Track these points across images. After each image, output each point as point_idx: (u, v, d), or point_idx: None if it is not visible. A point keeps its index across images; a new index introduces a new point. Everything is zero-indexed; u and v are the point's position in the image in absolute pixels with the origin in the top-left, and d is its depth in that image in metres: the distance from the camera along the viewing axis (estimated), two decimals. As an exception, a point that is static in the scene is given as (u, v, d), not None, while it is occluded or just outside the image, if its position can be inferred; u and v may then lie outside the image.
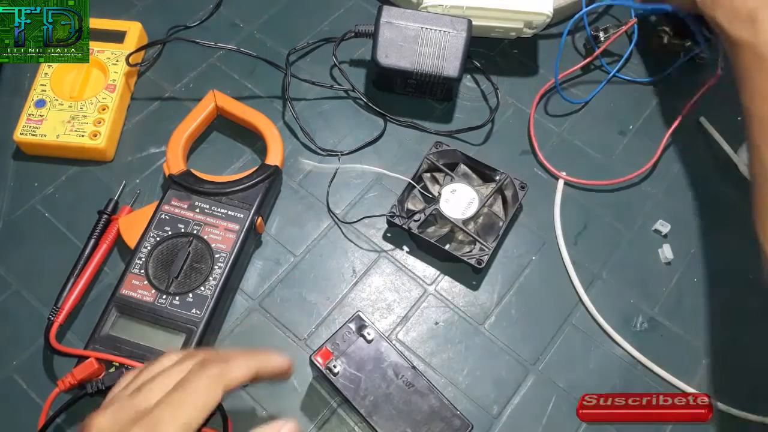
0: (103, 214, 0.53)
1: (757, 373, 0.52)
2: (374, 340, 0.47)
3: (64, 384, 0.44)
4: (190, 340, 0.47)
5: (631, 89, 0.65)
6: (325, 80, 0.63)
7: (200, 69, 0.64)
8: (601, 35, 0.63)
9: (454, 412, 0.45)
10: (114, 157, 0.58)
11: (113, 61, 0.60)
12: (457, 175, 0.56)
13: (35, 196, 0.56)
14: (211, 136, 0.60)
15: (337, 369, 0.46)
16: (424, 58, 0.58)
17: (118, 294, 0.49)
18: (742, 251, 0.57)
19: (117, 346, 0.46)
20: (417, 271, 0.54)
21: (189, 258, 0.50)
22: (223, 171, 0.58)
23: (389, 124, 0.62)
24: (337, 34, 0.63)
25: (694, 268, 0.56)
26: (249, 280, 0.53)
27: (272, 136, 0.57)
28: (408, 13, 0.59)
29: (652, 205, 0.59)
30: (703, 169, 0.61)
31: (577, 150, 0.61)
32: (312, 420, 0.48)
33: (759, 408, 0.50)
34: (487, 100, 0.64)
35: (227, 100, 0.59)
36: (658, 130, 0.62)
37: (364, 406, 0.45)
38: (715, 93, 0.65)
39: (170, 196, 0.53)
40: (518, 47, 0.67)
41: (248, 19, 0.67)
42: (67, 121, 0.57)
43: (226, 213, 0.52)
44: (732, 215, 0.59)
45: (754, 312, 0.54)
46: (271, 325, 0.52)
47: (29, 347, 0.50)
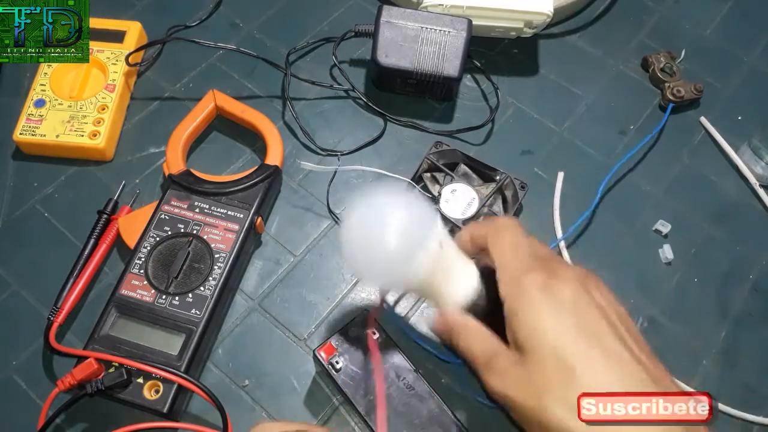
0: (103, 214, 0.53)
1: (756, 373, 0.52)
2: (379, 340, 0.47)
3: (64, 384, 0.44)
4: (189, 341, 0.47)
5: (631, 89, 0.65)
6: (325, 80, 0.63)
7: (200, 69, 0.64)
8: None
9: (453, 419, 0.45)
10: (113, 156, 0.58)
11: (113, 61, 0.60)
12: (457, 175, 0.56)
13: (35, 196, 0.56)
14: (211, 135, 0.60)
15: (339, 365, 0.46)
16: (424, 58, 0.58)
17: (117, 294, 0.48)
18: (743, 251, 0.57)
19: (116, 346, 0.46)
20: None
21: (188, 258, 0.50)
22: (223, 171, 0.58)
23: (389, 123, 0.62)
24: (337, 34, 0.63)
25: (694, 268, 0.56)
26: (249, 280, 0.53)
27: (272, 135, 0.57)
28: (408, 12, 0.59)
29: (652, 205, 0.59)
30: (704, 169, 0.61)
31: (577, 150, 0.61)
32: (312, 419, 0.48)
33: (759, 408, 0.50)
34: (488, 100, 0.64)
35: (227, 100, 0.59)
36: (658, 129, 0.62)
37: (363, 404, 0.45)
38: (715, 93, 0.65)
39: (170, 196, 0.53)
40: (518, 47, 0.67)
41: (248, 18, 0.67)
42: (66, 121, 0.57)
43: (225, 213, 0.52)
44: (732, 215, 0.59)
45: (754, 312, 0.54)
46: (270, 325, 0.52)
47: (29, 347, 0.50)
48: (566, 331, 0.34)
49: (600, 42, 0.68)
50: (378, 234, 0.38)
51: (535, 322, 0.35)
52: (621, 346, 0.34)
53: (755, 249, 0.57)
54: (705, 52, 0.68)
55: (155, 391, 0.45)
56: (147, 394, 0.45)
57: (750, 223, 0.59)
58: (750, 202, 0.60)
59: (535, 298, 0.35)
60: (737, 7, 0.71)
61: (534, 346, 0.34)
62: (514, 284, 0.36)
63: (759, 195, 0.59)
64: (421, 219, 0.39)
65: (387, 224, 0.38)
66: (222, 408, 0.44)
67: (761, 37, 0.69)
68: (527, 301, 0.35)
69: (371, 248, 0.38)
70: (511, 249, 0.38)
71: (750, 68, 0.67)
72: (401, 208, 0.39)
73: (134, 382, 0.45)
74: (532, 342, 0.34)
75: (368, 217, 0.39)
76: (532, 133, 0.62)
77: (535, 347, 0.34)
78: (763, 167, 0.60)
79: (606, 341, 0.34)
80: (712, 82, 0.66)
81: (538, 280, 0.36)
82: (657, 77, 0.64)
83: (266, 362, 0.50)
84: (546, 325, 0.34)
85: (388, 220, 0.38)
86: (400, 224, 0.38)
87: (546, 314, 0.35)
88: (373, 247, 0.38)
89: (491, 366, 0.36)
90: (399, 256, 0.38)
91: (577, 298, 0.35)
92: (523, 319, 0.35)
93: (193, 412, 0.48)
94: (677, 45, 0.67)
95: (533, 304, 0.35)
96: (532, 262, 0.37)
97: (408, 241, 0.38)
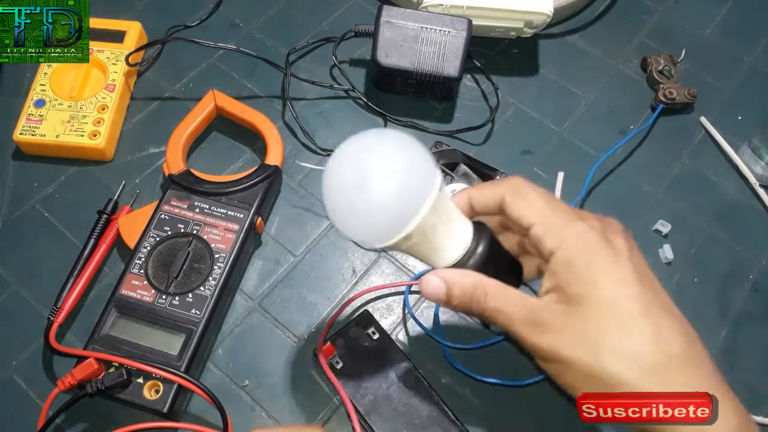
0: (103, 214, 0.53)
1: (756, 373, 0.52)
2: (379, 340, 0.47)
3: (64, 384, 0.44)
4: (189, 341, 0.47)
5: (631, 89, 0.65)
6: (325, 80, 0.63)
7: (200, 69, 0.64)
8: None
9: (453, 419, 0.45)
10: (113, 156, 0.58)
11: (113, 61, 0.60)
12: (457, 175, 0.56)
13: (35, 196, 0.56)
14: (211, 135, 0.60)
15: (339, 365, 0.46)
16: (424, 58, 0.58)
17: (117, 294, 0.48)
18: (743, 251, 0.57)
19: (116, 347, 0.46)
20: (417, 271, 0.54)
21: (188, 258, 0.50)
22: (223, 171, 0.58)
23: (389, 123, 0.62)
24: (337, 34, 0.63)
25: (694, 268, 0.56)
26: (249, 280, 0.53)
27: (272, 135, 0.57)
28: (408, 12, 0.59)
29: (652, 205, 0.59)
30: (704, 169, 0.61)
31: (577, 150, 0.61)
32: (312, 419, 0.48)
33: (759, 408, 0.50)
34: (488, 100, 0.64)
35: (227, 100, 0.59)
36: (658, 130, 0.62)
37: (363, 404, 0.45)
38: (715, 93, 0.65)
39: (170, 196, 0.53)
40: (518, 47, 0.66)
41: (248, 18, 0.67)
42: (66, 121, 0.57)
43: (225, 213, 0.52)
44: (732, 215, 0.59)
45: (754, 312, 0.54)
46: (270, 325, 0.51)
47: (29, 347, 0.50)
48: (628, 280, 0.33)
49: (600, 42, 0.68)
50: (367, 175, 0.33)
51: (595, 272, 0.34)
52: (669, 298, 0.35)
53: (755, 249, 0.57)
54: (705, 52, 0.68)
55: (155, 391, 0.45)
56: (147, 394, 0.45)
57: (750, 223, 0.59)
58: (750, 202, 0.60)
59: (592, 247, 0.34)
60: (737, 7, 0.71)
61: (593, 296, 0.33)
62: (564, 236, 0.35)
63: (759, 195, 0.59)
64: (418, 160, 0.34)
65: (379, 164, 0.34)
66: (222, 408, 0.44)
67: (761, 37, 0.69)
68: (585, 251, 0.34)
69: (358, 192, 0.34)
70: (545, 203, 0.36)
71: (750, 68, 0.67)
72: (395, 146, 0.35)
73: (134, 382, 0.45)
74: (591, 291, 0.33)
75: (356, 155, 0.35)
76: (532, 133, 0.62)
77: (593, 297, 0.33)
78: (763, 167, 0.60)
79: (659, 291, 0.35)
80: (712, 82, 0.66)
81: (594, 231, 0.35)
82: (653, 78, 0.64)
83: (266, 362, 0.50)
84: (607, 274, 0.34)
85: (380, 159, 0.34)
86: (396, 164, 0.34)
87: (607, 263, 0.34)
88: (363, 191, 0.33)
89: (536, 322, 0.34)
90: (392, 201, 0.33)
91: (630, 248, 0.35)
92: (580, 269, 0.34)
93: (193, 412, 0.48)
94: (677, 45, 0.67)
95: (591, 253, 0.34)
96: (576, 212, 0.36)
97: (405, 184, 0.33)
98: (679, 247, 0.56)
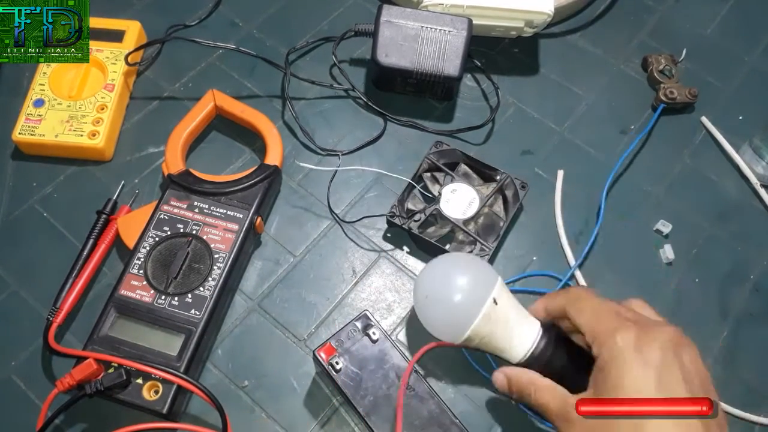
0: (102, 214, 0.53)
1: (758, 372, 0.52)
2: (379, 340, 0.47)
3: (63, 385, 0.44)
4: (189, 341, 0.47)
5: (632, 89, 0.65)
6: (324, 79, 0.63)
7: (199, 68, 0.63)
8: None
9: (453, 419, 0.45)
10: (113, 156, 0.58)
11: (112, 61, 0.60)
12: (457, 174, 0.56)
13: (34, 196, 0.56)
14: (210, 135, 0.60)
15: (339, 366, 0.45)
16: (424, 58, 0.58)
17: (116, 294, 0.48)
18: (744, 251, 0.57)
19: (116, 347, 0.46)
20: (417, 271, 0.54)
21: (188, 258, 0.50)
22: (223, 171, 0.58)
23: (389, 123, 0.61)
24: (337, 33, 0.63)
25: (695, 268, 0.56)
26: (248, 280, 0.53)
27: (272, 135, 0.57)
28: (408, 12, 0.59)
29: (653, 205, 0.58)
30: (705, 169, 0.61)
31: (578, 150, 0.61)
32: (312, 420, 0.48)
33: (760, 408, 0.50)
34: (488, 100, 0.63)
35: (226, 100, 0.59)
36: (659, 129, 0.62)
37: (363, 405, 0.45)
38: (716, 93, 0.65)
39: (169, 196, 0.53)
40: (519, 46, 0.66)
41: (248, 18, 0.67)
42: (65, 121, 0.56)
43: (225, 213, 0.52)
44: (733, 215, 0.59)
45: (755, 312, 0.54)
46: (270, 326, 0.51)
47: (28, 348, 0.49)
48: (646, 390, 0.36)
49: (600, 41, 0.68)
50: (441, 291, 0.45)
51: (618, 379, 0.37)
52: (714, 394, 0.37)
53: (756, 249, 0.57)
54: (706, 51, 0.68)
55: (154, 391, 0.45)
56: (146, 395, 0.44)
57: (751, 223, 0.59)
58: (751, 202, 0.60)
59: (625, 356, 0.37)
60: (737, 7, 0.71)
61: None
62: (605, 344, 0.39)
63: (760, 195, 0.59)
64: (479, 278, 0.45)
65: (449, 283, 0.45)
66: (221, 409, 0.44)
67: (762, 37, 0.69)
68: (616, 358, 0.38)
69: (436, 304, 0.45)
70: (595, 313, 0.41)
71: (751, 68, 0.67)
72: (461, 268, 0.46)
73: (133, 383, 0.45)
74: (613, 396, 0.37)
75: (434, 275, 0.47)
76: (533, 132, 0.62)
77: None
78: (764, 167, 0.59)
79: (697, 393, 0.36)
80: (713, 82, 0.66)
81: (630, 339, 0.38)
82: (654, 78, 0.64)
83: (266, 363, 0.50)
84: (628, 383, 0.36)
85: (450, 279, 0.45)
86: (460, 282, 0.45)
87: (631, 373, 0.37)
88: (438, 303, 0.45)
89: (568, 418, 0.39)
90: (458, 310, 0.44)
91: (664, 360, 0.37)
92: (608, 375, 0.37)
93: (193, 412, 0.48)
94: (678, 44, 0.67)
95: (621, 361, 0.37)
96: (619, 321, 0.39)
97: (467, 298, 0.44)
98: (680, 247, 0.56)
